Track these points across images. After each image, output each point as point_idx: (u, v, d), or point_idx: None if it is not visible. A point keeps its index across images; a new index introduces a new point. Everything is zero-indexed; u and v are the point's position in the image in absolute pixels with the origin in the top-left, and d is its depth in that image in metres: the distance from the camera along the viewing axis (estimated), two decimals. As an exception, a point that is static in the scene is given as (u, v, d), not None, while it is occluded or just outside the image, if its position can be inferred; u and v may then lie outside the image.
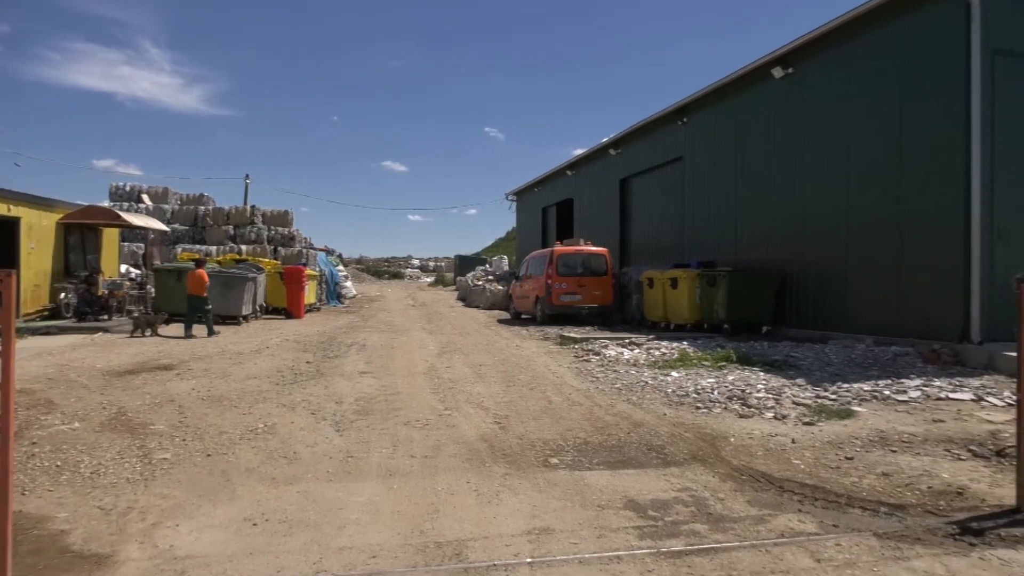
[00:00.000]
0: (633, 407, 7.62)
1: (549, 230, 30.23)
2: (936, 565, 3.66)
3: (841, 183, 12.71)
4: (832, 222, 12.90)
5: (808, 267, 13.52)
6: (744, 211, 15.71)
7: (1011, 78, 10.24)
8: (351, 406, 7.57)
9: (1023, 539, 4.01)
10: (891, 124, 11.59)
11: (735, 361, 10.24)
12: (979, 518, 4.33)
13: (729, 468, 5.39)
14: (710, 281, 14.24)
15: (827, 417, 6.98)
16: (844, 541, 3.96)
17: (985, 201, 10.05)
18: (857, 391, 8.10)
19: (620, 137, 22.20)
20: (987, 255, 10.00)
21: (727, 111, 16.43)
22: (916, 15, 11.11)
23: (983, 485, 4.96)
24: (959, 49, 10.22)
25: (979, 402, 7.64)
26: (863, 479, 5.12)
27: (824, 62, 13.21)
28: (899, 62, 11.44)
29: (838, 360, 10.25)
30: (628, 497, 4.70)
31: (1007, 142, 10.20)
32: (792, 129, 14.08)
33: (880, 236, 11.74)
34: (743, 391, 8.13)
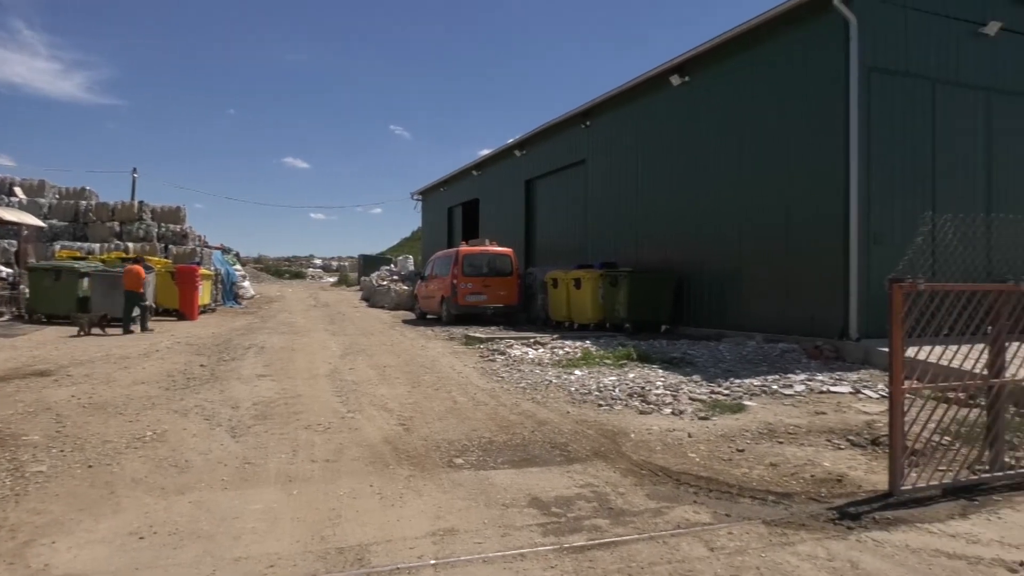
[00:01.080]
0: (538, 406, 7.70)
1: (455, 230, 30.19)
2: (818, 548, 3.89)
3: (734, 189, 13.33)
4: (727, 226, 13.51)
5: (704, 268, 14.10)
6: (644, 213, 16.21)
7: (885, 93, 11.04)
8: (248, 411, 7.28)
9: (894, 521, 4.33)
10: (778, 134, 12.26)
11: (636, 359, 10.54)
12: (856, 503, 4.64)
13: (629, 463, 5.54)
14: (612, 281, 14.61)
15: (721, 412, 7.29)
16: (735, 529, 4.15)
17: (862, 207, 10.78)
18: (748, 386, 8.51)
19: (526, 138, 22.44)
20: (864, 258, 10.74)
21: (629, 116, 16.92)
22: (800, 31, 11.80)
23: (860, 472, 5.31)
24: (839, 65, 10.92)
25: (856, 395, 8.19)
26: (753, 470, 5.38)
27: (718, 72, 13.82)
28: (785, 75, 12.12)
29: (731, 357, 10.74)
30: (532, 495, 4.74)
31: (881, 152, 10.99)
32: (690, 135, 14.65)
33: (770, 240, 12.39)
34: (643, 388, 8.38)
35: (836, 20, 10.83)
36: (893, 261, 10.21)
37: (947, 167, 11.56)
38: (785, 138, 12.12)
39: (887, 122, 11.05)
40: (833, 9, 10.69)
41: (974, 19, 11.73)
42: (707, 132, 14.12)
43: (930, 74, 11.44)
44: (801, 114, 11.79)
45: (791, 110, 12.00)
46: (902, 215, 10.74)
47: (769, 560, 3.72)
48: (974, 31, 11.74)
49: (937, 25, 11.47)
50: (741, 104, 13.20)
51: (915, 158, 11.34)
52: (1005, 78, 12.10)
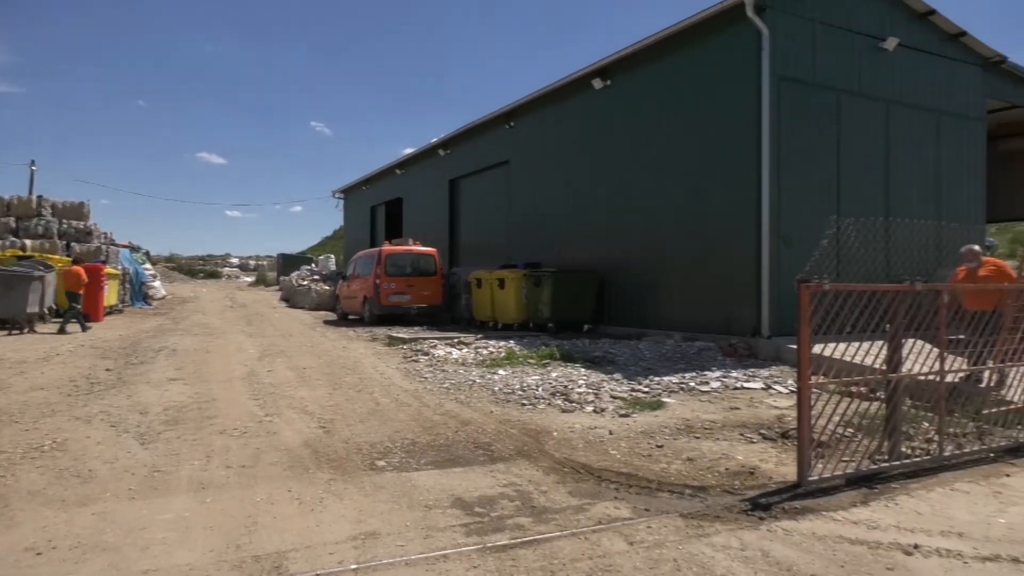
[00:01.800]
0: (461, 406, 7.69)
1: (378, 229, 29.78)
2: (732, 539, 4.03)
3: (655, 191, 13.67)
4: (648, 227, 13.83)
5: (626, 269, 14.39)
6: (568, 214, 16.42)
7: (794, 102, 11.56)
8: (158, 416, 6.97)
9: (802, 510, 4.53)
10: (697, 138, 12.65)
11: (559, 358, 10.66)
12: (767, 494, 4.84)
13: (552, 461, 5.59)
14: (536, 281, 14.73)
15: (641, 409, 7.46)
16: (654, 523, 4.25)
17: (773, 211, 11.25)
18: (667, 384, 8.74)
19: (450, 138, 22.36)
20: (775, 260, 11.21)
21: (552, 117, 17.10)
22: (717, 40, 12.21)
23: (771, 464, 5.54)
24: (752, 74, 11.36)
25: (768, 390, 8.54)
26: (671, 465, 5.53)
27: (639, 76, 14.14)
28: (703, 81, 12.52)
29: (651, 355, 11.01)
30: (455, 495, 4.72)
31: (791, 158, 11.49)
32: (612, 138, 14.93)
33: (688, 241, 12.76)
34: (566, 387, 8.49)
35: (750, 31, 11.26)
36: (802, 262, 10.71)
37: (851, 173, 12.21)
38: (703, 142, 12.52)
39: (796, 129, 11.57)
40: (747, 20, 11.11)
41: (875, 34, 12.43)
42: (629, 135, 14.42)
43: (835, 85, 12.05)
44: (718, 119, 12.20)
45: (709, 115, 12.40)
46: (810, 218, 11.27)
47: (686, 552, 3.83)
48: (875, 45, 12.44)
49: (842, 39, 12.09)
50: (661, 108, 13.55)
51: (822, 164, 11.92)
52: (902, 91, 12.87)
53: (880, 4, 12.61)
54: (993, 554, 3.90)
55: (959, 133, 13.73)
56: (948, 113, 13.53)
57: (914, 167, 13.06)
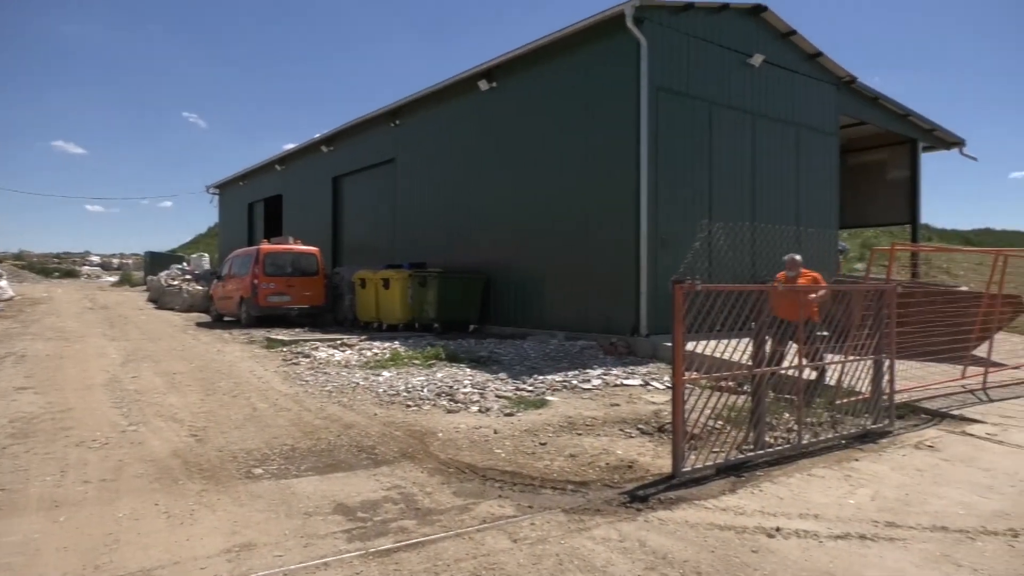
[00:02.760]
0: (344, 409, 7.51)
1: (256, 227, 28.56)
2: (611, 531, 4.17)
3: (539, 193, 13.91)
4: (533, 229, 14.05)
5: (512, 269, 14.56)
6: (454, 215, 16.41)
7: (671, 111, 12.11)
8: (4, 429, 6.36)
9: (677, 500, 4.75)
10: (579, 142, 12.99)
11: (444, 359, 10.63)
12: (645, 486, 5.03)
13: (437, 462, 5.57)
14: (421, 282, 14.62)
15: (525, 408, 7.57)
16: (538, 520, 4.32)
17: (651, 215, 11.73)
18: (550, 382, 8.92)
19: (333, 134, 21.78)
20: (653, 261, 11.69)
21: (439, 117, 17.03)
22: (600, 47, 12.59)
23: (648, 458, 5.77)
24: (632, 82, 11.79)
25: (646, 386, 8.89)
26: (554, 461, 5.64)
27: (525, 79, 14.34)
28: (586, 87, 12.87)
29: (535, 354, 11.19)
30: (337, 501, 4.60)
31: (667, 163, 12.03)
32: (498, 139, 15.06)
33: (572, 242, 13.07)
34: (451, 387, 8.48)
35: (630, 40, 11.68)
36: (677, 264, 11.24)
37: (721, 180, 12.93)
38: (586, 146, 12.86)
39: (672, 137, 12.12)
40: (627, 31, 11.52)
41: (743, 51, 13.24)
42: (514, 137, 14.59)
43: (708, 96, 12.73)
44: (600, 125, 12.58)
45: (591, 120, 12.76)
46: (685, 222, 11.84)
47: (568, 546, 3.92)
48: (743, 61, 13.24)
49: (713, 54, 12.79)
50: (547, 111, 13.80)
51: (696, 170, 12.56)
52: (767, 104, 13.79)
53: (747, 23, 13.44)
54: (844, 532, 4.24)
55: (816, 146, 14.87)
56: (806, 127, 14.61)
57: (777, 176, 14.01)
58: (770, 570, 3.70)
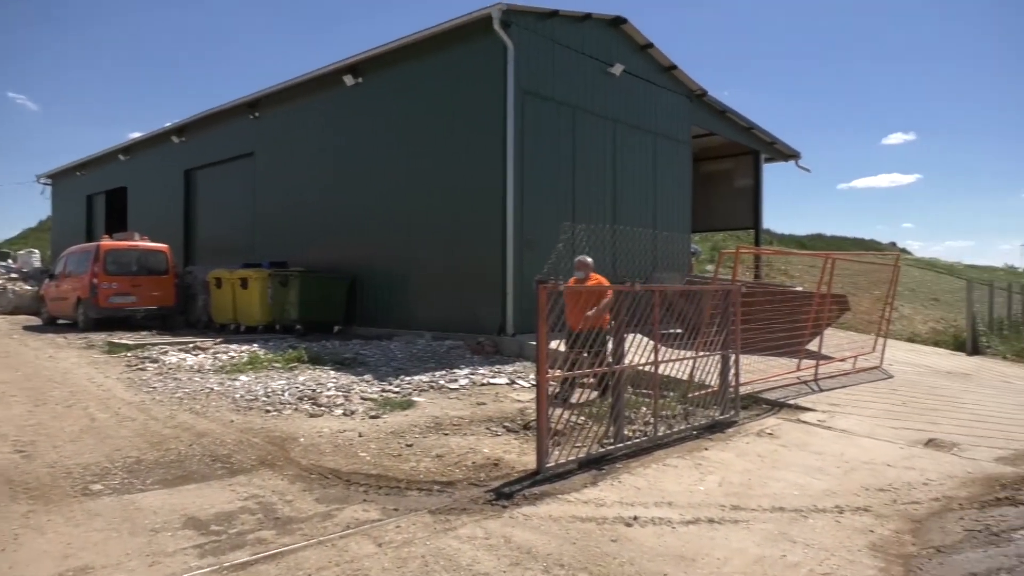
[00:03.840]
0: (196, 416, 7.07)
1: (97, 222, 26.24)
2: (477, 530, 4.19)
3: (407, 192, 13.77)
4: (400, 228, 13.88)
5: (379, 269, 14.30)
6: (318, 212, 15.89)
7: (536, 115, 12.38)
8: None
9: (541, 495, 4.85)
10: (447, 142, 12.98)
11: (307, 361, 10.28)
12: (510, 483, 5.10)
13: (299, 469, 5.37)
14: (282, 281, 14.05)
15: (391, 409, 7.46)
16: (403, 523, 4.27)
17: (517, 216, 11.93)
18: (417, 383, 8.85)
19: (186, 124, 20.44)
20: (519, 261, 11.90)
21: (302, 111, 16.43)
22: (467, 48, 12.64)
23: (514, 455, 5.85)
24: (499, 85, 11.94)
25: (512, 385, 9.03)
26: (421, 463, 5.60)
27: (392, 76, 14.14)
28: (455, 87, 12.89)
29: (402, 355, 11.07)
30: (188, 515, 4.32)
31: (532, 165, 12.29)
32: (365, 136, 14.74)
33: (439, 242, 13.04)
34: (314, 390, 8.21)
35: (497, 43, 11.82)
36: (542, 264, 11.49)
37: (584, 183, 13.39)
38: (453, 147, 12.88)
39: (538, 140, 12.40)
40: (494, 33, 11.65)
41: (605, 60, 13.78)
42: (382, 134, 14.35)
43: (572, 102, 13.13)
44: (467, 125, 12.64)
45: (458, 121, 12.79)
46: (549, 223, 12.14)
47: (434, 547, 3.90)
48: (604, 70, 13.77)
49: (577, 61, 13.22)
50: (414, 110, 13.68)
51: (560, 173, 12.92)
52: (627, 112, 14.43)
53: (608, 33, 14.00)
54: (695, 517, 4.50)
55: (671, 154, 15.74)
56: (662, 135, 15.42)
57: (636, 181, 14.70)
58: (628, 557, 3.86)
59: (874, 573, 3.75)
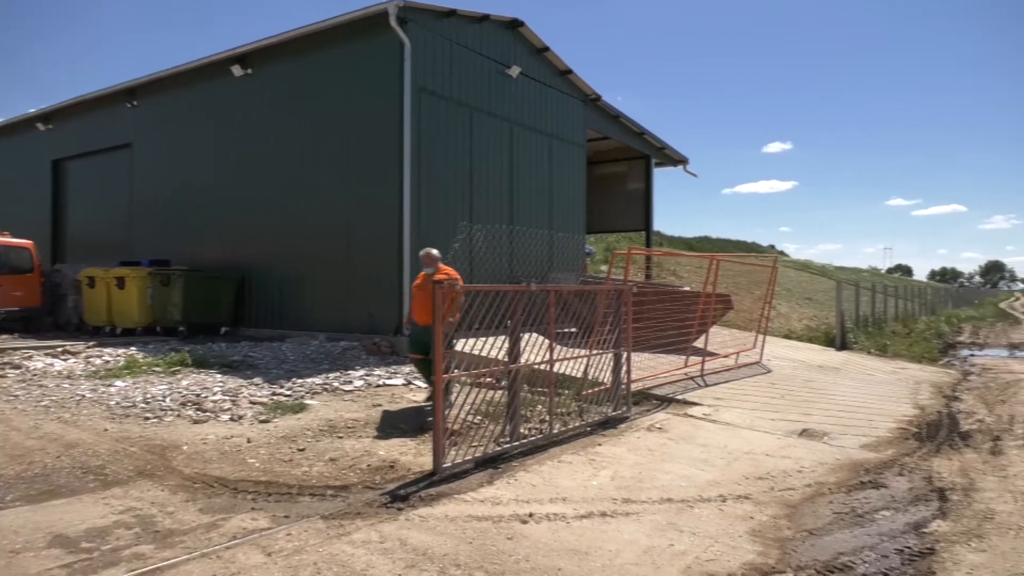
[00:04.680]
0: (65, 426, 6.56)
1: (-51, 215, 23.90)
2: (372, 533, 4.11)
3: (301, 189, 13.33)
4: (293, 226, 13.42)
5: (270, 268, 13.78)
6: (205, 208, 15.13)
7: (434, 114, 12.30)
8: None
9: (437, 496, 4.82)
10: (342, 138, 12.68)
11: (191, 364, 9.77)
12: (406, 485, 5.04)
13: (181, 478, 5.09)
14: (164, 281, 13.29)
15: (283, 413, 7.20)
16: (294, 530, 4.13)
17: (413, 214, 11.81)
18: (311, 385, 8.59)
19: (54, 111, 18.93)
20: (416, 261, 11.73)
21: (186, 101, 15.59)
22: (362, 44, 12.39)
23: (410, 457, 5.79)
24: (395, 82, 11.78)
25: (408, 386, 8.94)
26: (314, 467, 5.44)
27: (284, 69, 13.65)
28: (350, 83, 12.60)
29: (294, 357, 10.72)
30: (55, 532, 4.01)
31: (430, 165, 12.20)
32: (256, 130, 14.15)
33: (334, 241, 12.71)
34: (199, 395, 7.81)
35: (394, 40, 11.65)
36: (439, 264, 11.38)
37: (481, 183, 13.42)
38: (348, 143, 12.59)
39: (435, 139, 12.33)
40: (391, 29, 11.47)
41: (502, 61, 13.87)
42: (274, 129, 13.83)
43: (470, 102, 13.14)
44: (363, 122, 12.39)
45: (354, 116, 12.52)
46: (447, 223, 12.10)
47: (326, 554, 3.79)
48: (502, 71, 13.87)
49: (474, 61, 13.23)
50: (308, 104, 13.27)
51: (457, 173, 12.90)
52: (524, 114, 14.59)
53: (506, 35, 14.10)
54: (588, 512, 4.61)
55: (567, 156, 16.04)
56: (558, 138, 15.70)
57: (533, 182, 14.88)
58: (523, 554, 3.90)
59: (753, 557, 3.96)
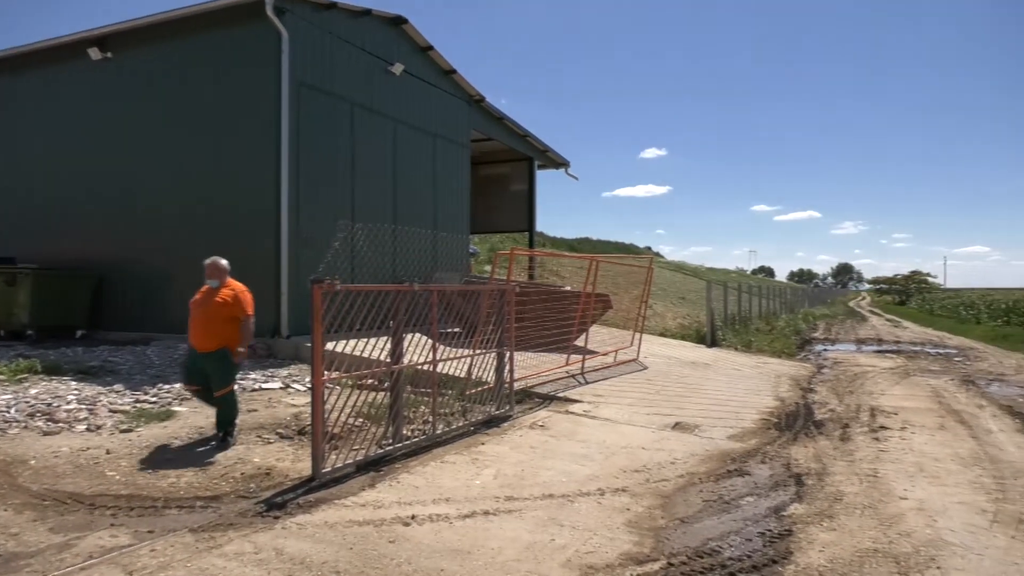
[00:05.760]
0: None
1: None
2: (245, 544, 3.93)
3: (169, 184, 12.52)
4: (159, 222, 12.59)
5: (133, 267, 12.86)
6: (57, 201, 13.90)
7: (313, 109, 11.91)
8: None
9: (316, 502, 4.67)
10: (216, 131, 12.02)
11: (41, 371, 8.97)
12: (283, 492, 4.86)
13: (28, 496, 4.66)
14: (8, 280, 12.11)
15: (148, 421, 6.76)
16: (159, 545, 3.88)
17: (292, 212, 11.40)
18: (179, 391, 8.10)
19: None
20: (294, 260, 11.37)
21: (36, 83, 14.25)
22: (238, 32, 11.80)
23: (288, 462, 5.58)
24: (272, 74, 11.31)
25: (286, 389, 8.62)
26: (181, 478, 5.13)
27: (150, 54, 12.78)
28: (224, 72, 11.97)
29: (160, 361, 10.08)
30: None
31: (310, 162, 11.82)
32: (117, 119, 13.15)
33: (206, 239, 12.00)
34: (50, 405, 7.18)
35: (271, 30, 11.18)
36: (318, 263, 11.14)
37: (364, 182, 13.15)
38: (222, 135, 11.96)
39: (315, 136, 11.95)
40: (268, 19, 11.01)
41: (385, 58, 13.65)
42: (136, 117, 12.91)
43: (351, 98, 12.83)
44: (238, 115, 11.81)
45: (228, 108, 11.91)
46: (327, 221, 11.75)
47: (195, 568, 3.59)
48: (385, 68, 13.65)
49: (357, 56, 12.95)
50: (177, 93, 12.48)
51: (338, 171, 12.56)
52: (408, 112, 14.43)
53: (389, 32, 13.90)
54: (471, 511, 4.62)
55: (451, 156, 16.02)
56: (443, 138, 15.65)
57: (416, 181, 14.75)
58: (405, 557, 3.85)
59: (630, 547, 4.11)
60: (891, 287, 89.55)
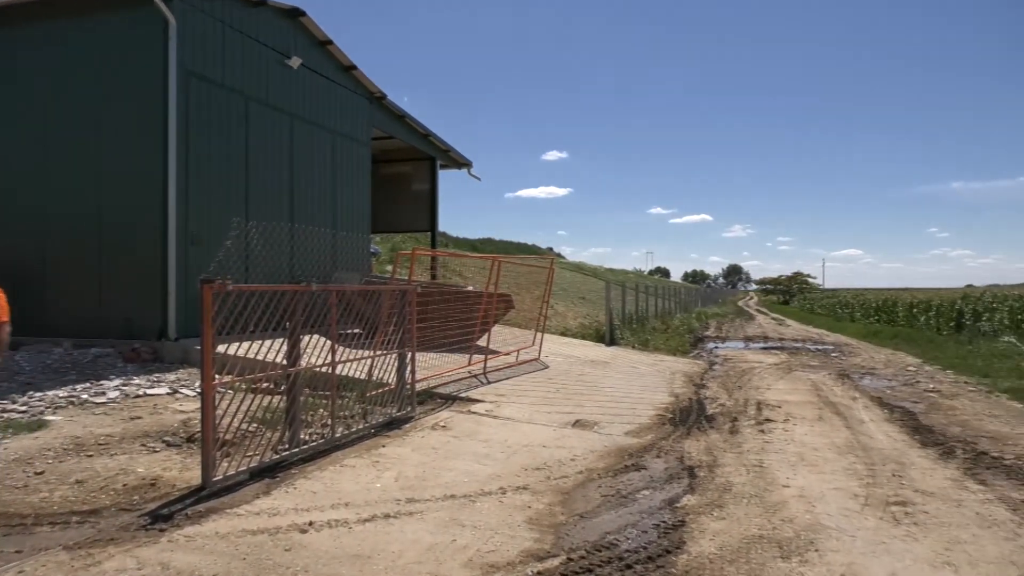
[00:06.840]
0: None
1: None
2: (128, 560, 3.70)
3: (41, 176, 11.59)
4: (31, 217, 11.63)
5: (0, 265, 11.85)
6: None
7: (204, 101, 11.36)
8: None
9: (207, 512, 4.46)
10: (96, 122, 11.24)
11: None
12: (170, 503, 4.61)
13: None
14: None
15: (16, 432, 6.25)
16: (29, 566, 3.60)
17: (180, 208, 10.83)
18: (52, 399, 7.55)
19: None
20: (183, 258, 10.81)
21: None
22: (120, 18, 11.08)
23: (175, 472, 5.30)
24: (158, 63, 10.70)
25: (174, 394, 8.19)
26: (55, 492, 4.78)
27: (21, 37, 11.79)
28: (105, 59, 11.20)
29: (31, 367, 9.36)
30: None
31: (200, 157, 11.26)
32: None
33: (82, 236, 11.24)
34: (-100, 417, 6.52)
35: (157, 16, 10.56)
36: (209, 262, 10.66)
37: (259, 178, 12.66)
38: (104, 126, 11.19)
39: (206, 129, 11.40)
40: (153, 4, 10.41)
41: (281, 51, 13.21)
42: (8, 102, 11.91)
43: (245, 91, 12.33)
44: (119, 105, 11.09)
45: (109, 99, 11.16)
46: (219, 219, 11.25)
47: (70, 589, 3.35)
48: (281, 61, 13.21)
49: (251, 48, 12.45)
50: (53, 79, 11.57)
51: (231, 167, 12.04)
52: (305, 108, 14.02)
53: (285, 24, 13.46)
54: (372, 515, 4.54)
55: (351, 154, 15.69)
56: (342, 135, 15.31)
57: (315, 179, 14.36)
58: (302, 565, 3.74)
59: (530, 544, 4.16)
60: (776, 287, 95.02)
